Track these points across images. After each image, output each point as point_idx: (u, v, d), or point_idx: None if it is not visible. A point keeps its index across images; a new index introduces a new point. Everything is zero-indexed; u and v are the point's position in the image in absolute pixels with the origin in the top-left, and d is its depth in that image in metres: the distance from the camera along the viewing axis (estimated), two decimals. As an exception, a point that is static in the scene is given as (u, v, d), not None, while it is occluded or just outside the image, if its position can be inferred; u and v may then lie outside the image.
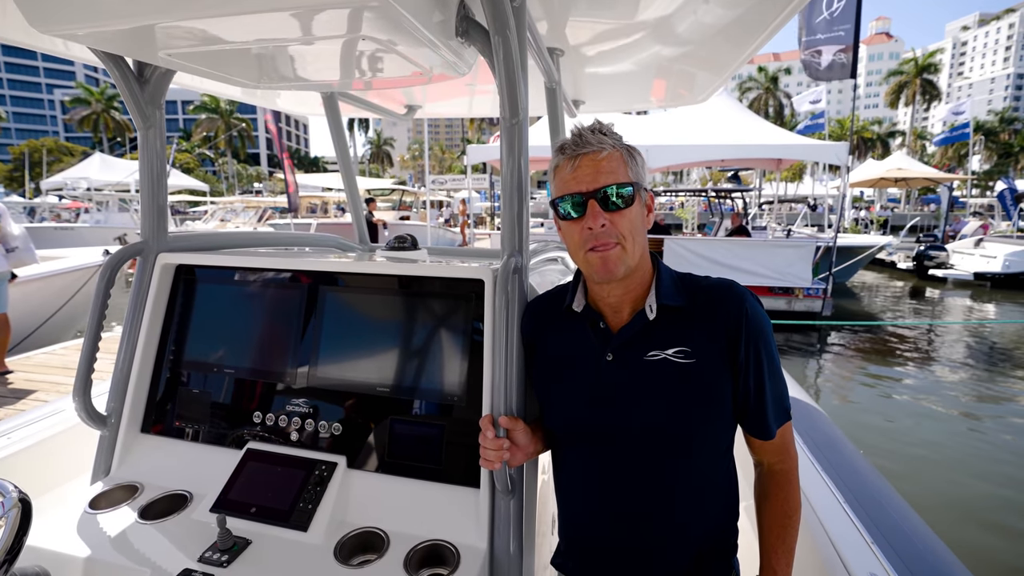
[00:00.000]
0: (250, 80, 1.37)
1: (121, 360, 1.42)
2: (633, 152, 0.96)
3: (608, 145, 0.93)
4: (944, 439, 5.43)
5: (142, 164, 1.46)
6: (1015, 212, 18.66)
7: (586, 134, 0.94)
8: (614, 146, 0.94)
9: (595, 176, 0.92)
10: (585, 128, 0.95)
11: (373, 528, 1.13)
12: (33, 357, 5.34)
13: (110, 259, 1.37)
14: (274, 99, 2.45)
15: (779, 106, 55.47)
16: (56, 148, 48.53)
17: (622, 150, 0.95)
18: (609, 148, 0.93)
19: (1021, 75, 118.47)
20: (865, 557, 1.15)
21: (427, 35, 1.02)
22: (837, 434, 1.79)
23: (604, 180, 0.92)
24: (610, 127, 0.96)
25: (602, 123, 0.96)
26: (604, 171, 0.92)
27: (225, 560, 1.03)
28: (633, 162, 0.95)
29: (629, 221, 0.93)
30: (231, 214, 19.25)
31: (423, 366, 1.25)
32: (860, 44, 8.85)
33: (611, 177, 0.92)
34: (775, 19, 1.36)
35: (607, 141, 0.94)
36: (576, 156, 0.93)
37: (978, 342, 9.25)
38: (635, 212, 0.94)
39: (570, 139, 0.96)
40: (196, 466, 1.31)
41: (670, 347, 0.94)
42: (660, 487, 0.96)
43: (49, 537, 1.09)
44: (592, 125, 0.96)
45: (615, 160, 0.93)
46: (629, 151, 0.96)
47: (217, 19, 0.91)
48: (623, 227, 0.92)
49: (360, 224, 2.54)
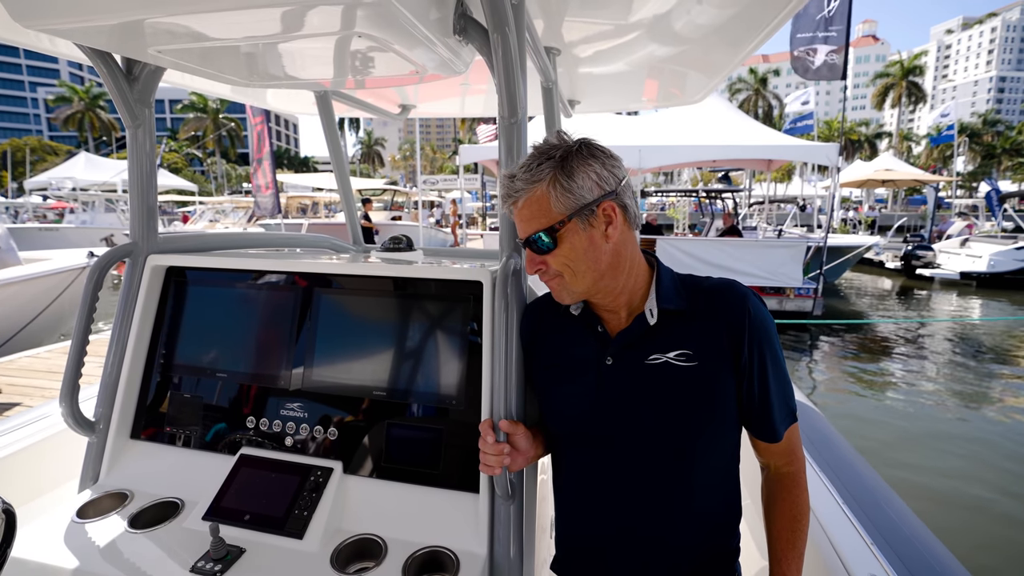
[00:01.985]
0: (243, 78, 1.35)
1: (110, 364, 1.38)
2: (563, 172, 0.88)
3: (524, 190, 0.90)
4: (939, 435, 5.50)
5: (131, 164, 1.43)
6: (999, 212, 19.00)
7: (505, 183, 0.93)
8: (533, 182, 0.90)
9: (522, 226, 0.93)
10: (511, 172, 0.93)
11: (370, 535, 1.11)
12: (16, 361, 5.22)
13: (98, 261, 1.34)
14: (265, 97, 2.42)
15: (768, 107, 56.03)
16: (40, 147, 47.72)
17: (543, 182, 0.89)
18: (524, 193, 0.90)
19: (1003, 78, 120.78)
20: (865, 558, 1.15)
21: (424, 32, 1.00)
22: (834, 434, 1.80)
23: (526, 229, 0.92)
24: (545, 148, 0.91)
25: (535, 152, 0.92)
26: (525, 219, 0.92)
27: (218, 570, 1.00)
28: (559, 187, 0.88)
29: (563, 256, 0.92)
30: (220, 215, 19.05)
31: (420, 369, 1.23)
32: (849, 46, 8.96)
33: (532, 225, 0.91)
34: (771, 21, 1.36)
35: (522, 186, 0.90)
36: (505, 206, 0.95)
37: (965, 339, 9.40)
38: (566, 250, 0.91)
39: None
40: (188, 473, 1.27)
41: (671, 350, 0.93)
42: (661, 491, 0.95)
43: (35, 548, 1.05)
44: (517, 166, 0.93)
45: (534, 203, 0.90)
46: (556, 176, 0.89)
47: (209, 15, 0.88)
48: (557, 264, 0.93)
49: (354, 224, 2.51)
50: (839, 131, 11.88)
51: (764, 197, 16.28)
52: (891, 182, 18.26)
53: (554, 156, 0.89)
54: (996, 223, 18.78)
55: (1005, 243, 14.79)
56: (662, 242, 9.63)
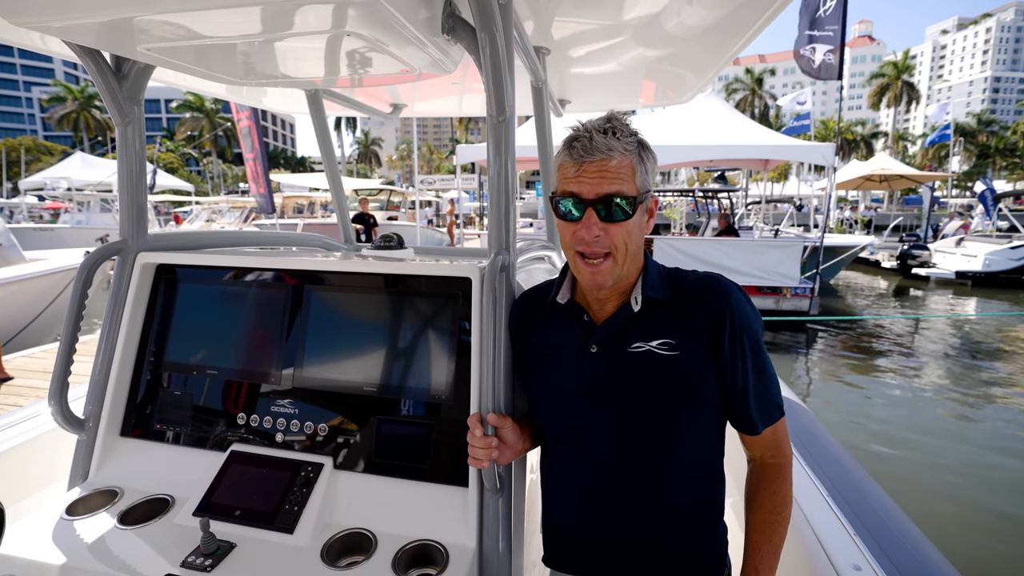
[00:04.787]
0: (232, 76, 1.35)
1: (100, 362, 1.38)
2: (645, 154, 0.91)
3: (619, 151, 0.87)
4: (933, 433, 5.53)
5: (120, 161, 1.43)
6: (994, 212, 19.10)
7: (597, 138, 0.87)
8: (625, 150, 0.87)
9: (599, 183, 0.87)
10: (598, 127, 0.88)
11: (360, 529, 1.12)
12: (12, 361, 5.21)
13: (87, 259, 1.34)
14: (260, 97, 2.42)
15: (764, 107, 56.18)
16: (35, 147, 47.46)
17: (633, 155, 0.89)
18: (619, 155, 0.87)
19: (998, 78, 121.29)
20: (849, 549, 1.17)
21: (413, 31, 1.01)
22: (820, 429, 1.81)
23: (607, 189, 0.87)
24: (626, 122, 0.89)
25: (617, 119, 0.89)
26: (608, 179, 0.87)
27: (209, 564, 1.01)
28: (643, 167, 0.90)
29: (626, 232, 0.90)
30: (216, 215, 18.96)
31: (410, 365, 1.24)
32: (845, 46, 8.99)
33: (615, 186, 0.87)
34: (758, 20, 1.38)
35: (618, 146, 0.87)
36: (583, 160, 0.88)
37: (962, 337, 9.45)
38: (634, 223, 0.91)
39: (579, 139, 0.89)
40: (178, 469, 1.28)
41: (654, 339, 0.94)
42: (645, 479, 0.96)
43: (24, 545, 1.06)
44: (604, 123, 0.88)
45: (623, 169, 0.87)
46: (641, 154, 0.90)
47: (197, 12, 0.89)
48: (618, 238, 0.90)
49: (345, 224, 2.51)
50: (835, 131, 11.90)
51: (761, 197, 16.32)
52: (887, 182, 18.30)
53: (636, 135, 0.91)
54: (992, 222, 18.88)
55: (1000, 242, 14.87)
56: (659, 242, 9.67)
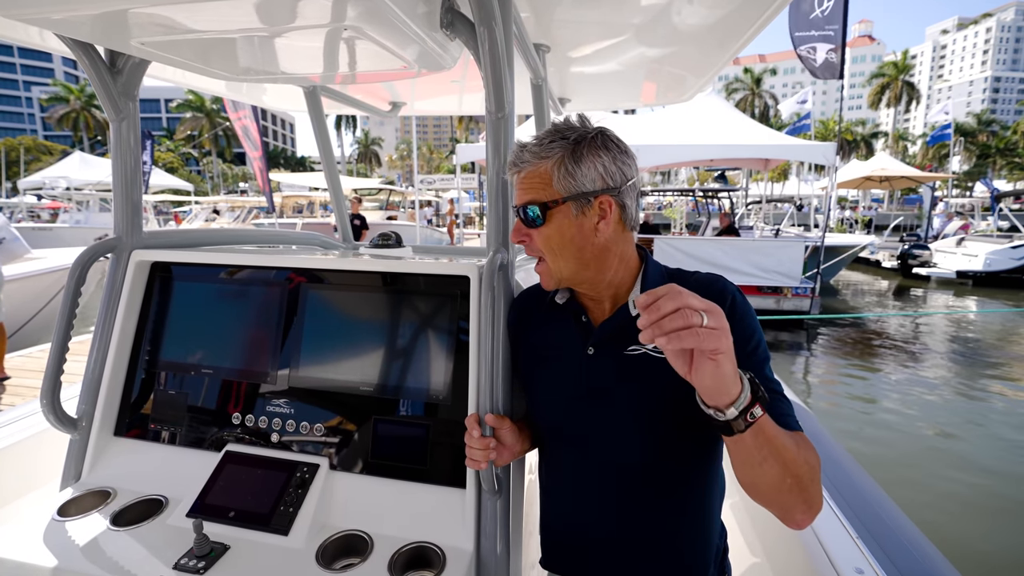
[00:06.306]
0: (227, 72, 1.33)
1: (93, 361, 1.37)
2: (578, 155, 0.88)
3: (530, 162, 0.91)
4: (934, 433, 5.52)
5: (115, 158, 1.41)
6: (995, 212, 19.11)
7: (517, 151, 0.93)
8: (542, 157, 0.90)
9: (519, 193, 0.94)
10: (524, 142, 0.94)
11: (357, 531, 1.10)
12: (10, 360, 5.19)
13: (80, 257, 1.32)
14: (259, 95, 2.40)
15: (765, 107, 56.18)
16: (34, 147, 47.46)
17: (552, 160, 0.89)
18: (530, 165, 0.91)
19: (998, 78, 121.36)
20: (851, 552, 1.15)
21: (411, 26, 0.99)
22: (822, 431, 1.80)
23: (522, 198, 0.92)
24: (564, 127, 0.91)
25: (553, 128, 0.92)
26: (523, 188, 0.92)
27: (202, 567, 0.99)
28: (567, 169, 0.88)
29: (544, 238, 0.92)
30: (215, 215, 18.96)
31: (408, 365, 1.22)
32: (845, 46, 8.98)
33: (528, 195, 0.92)
34: (758, 20, 1.36)
35: (531, 157, 0.91)
36: (512, 173, 0.95)
37: (963, 336, 9.44)
38: (552, 229, 0.91)
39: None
40: (172, 470, 1.26)
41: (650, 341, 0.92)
42: (642, 482, 0.95)
43: (14, 547, 1.04)
44: (532, 139, 0.93)
45: (535, 177, 0.91)
46: (570, 156, 0.88)
47: (191, 5, 0.87)
48: (539, 243, 0.93)
49: (344, 222, 2.50)
50: (835, 131, 11.91)
51: (761, 196, 16.31)
52: (887, 181, 18.30)
53: (568, 137, 0.90)
54: (992, 222, 18.89)
55: (1001, 242, 14.87)
56: (660, 241, 9.66)
